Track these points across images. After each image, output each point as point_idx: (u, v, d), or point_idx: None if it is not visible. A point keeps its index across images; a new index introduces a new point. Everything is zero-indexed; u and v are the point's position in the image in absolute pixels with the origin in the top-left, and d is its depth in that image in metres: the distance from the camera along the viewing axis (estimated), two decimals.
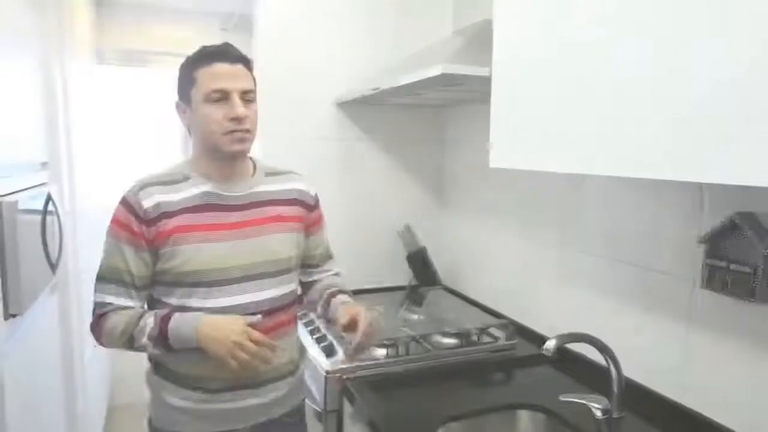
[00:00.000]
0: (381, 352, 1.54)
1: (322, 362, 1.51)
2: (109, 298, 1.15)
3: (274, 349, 1.13)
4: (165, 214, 1.14)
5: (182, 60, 1.20)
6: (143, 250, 1.14)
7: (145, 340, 1.12)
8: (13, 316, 1.27)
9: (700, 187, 1.16)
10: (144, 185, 1.16)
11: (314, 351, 1.58)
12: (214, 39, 3.15)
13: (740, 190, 1.05)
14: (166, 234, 1.14)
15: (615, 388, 1.15)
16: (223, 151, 1.17)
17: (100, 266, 1.17)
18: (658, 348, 1.28)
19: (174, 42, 3.00)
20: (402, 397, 1.38)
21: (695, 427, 1.17)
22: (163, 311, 1.15)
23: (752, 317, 1.07)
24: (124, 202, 1.15)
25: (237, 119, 1.15)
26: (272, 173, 1.31)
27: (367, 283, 2.18)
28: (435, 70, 1.33)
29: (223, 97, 1.14)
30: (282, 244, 1.26)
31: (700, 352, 1.18)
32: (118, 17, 2.95)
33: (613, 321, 1.39)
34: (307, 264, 1.39)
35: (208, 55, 1.16)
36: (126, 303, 1.16)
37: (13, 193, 1.32)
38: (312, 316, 1.82)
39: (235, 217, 1.20)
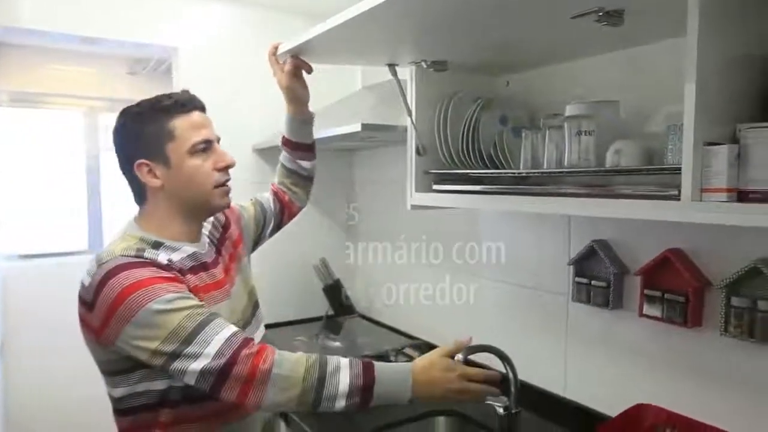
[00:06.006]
0: None
1: None
2: (233, 328, 0.98)
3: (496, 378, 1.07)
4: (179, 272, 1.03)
5: (128, 108, 1.07)
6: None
7: (342, 386, 0.98)
8: None
9: (568, 219, 1.47)
10: (136, 250, 1.01)
11: None
12: (121, 82, 3.14)
13: (596, 220, 1.37)
14: (193, 291, 1.02)
15: (513, 389, 1.40)
16: (211, 207, 1.13)
17: (189, 321, 0.94)
18: (545, 353, 1.56)
19: (73, 83, 2.96)
20: (333, 415, 1.53)
21: (574, 414, 1.45)
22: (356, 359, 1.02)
23: (607, 322, 1.38)
24: (137, 264, 0.97)
25: (227, 168, 1.12)
26: None
27: (285, 315, 2.32)
28: (355, 127, 1.55)
29: (207, 147, 1.09)
30: (246, 283, 1.25)
31: (575, 353, 1.48)
32: (12, 58, 2.88)
33: (511, 333, 1.65)
34: (270, 211, 1.48)
35: (181, 104, 1.08)
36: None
37: None
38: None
39: (218, 273, 1.15)
